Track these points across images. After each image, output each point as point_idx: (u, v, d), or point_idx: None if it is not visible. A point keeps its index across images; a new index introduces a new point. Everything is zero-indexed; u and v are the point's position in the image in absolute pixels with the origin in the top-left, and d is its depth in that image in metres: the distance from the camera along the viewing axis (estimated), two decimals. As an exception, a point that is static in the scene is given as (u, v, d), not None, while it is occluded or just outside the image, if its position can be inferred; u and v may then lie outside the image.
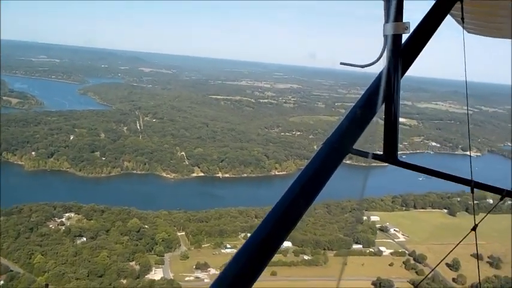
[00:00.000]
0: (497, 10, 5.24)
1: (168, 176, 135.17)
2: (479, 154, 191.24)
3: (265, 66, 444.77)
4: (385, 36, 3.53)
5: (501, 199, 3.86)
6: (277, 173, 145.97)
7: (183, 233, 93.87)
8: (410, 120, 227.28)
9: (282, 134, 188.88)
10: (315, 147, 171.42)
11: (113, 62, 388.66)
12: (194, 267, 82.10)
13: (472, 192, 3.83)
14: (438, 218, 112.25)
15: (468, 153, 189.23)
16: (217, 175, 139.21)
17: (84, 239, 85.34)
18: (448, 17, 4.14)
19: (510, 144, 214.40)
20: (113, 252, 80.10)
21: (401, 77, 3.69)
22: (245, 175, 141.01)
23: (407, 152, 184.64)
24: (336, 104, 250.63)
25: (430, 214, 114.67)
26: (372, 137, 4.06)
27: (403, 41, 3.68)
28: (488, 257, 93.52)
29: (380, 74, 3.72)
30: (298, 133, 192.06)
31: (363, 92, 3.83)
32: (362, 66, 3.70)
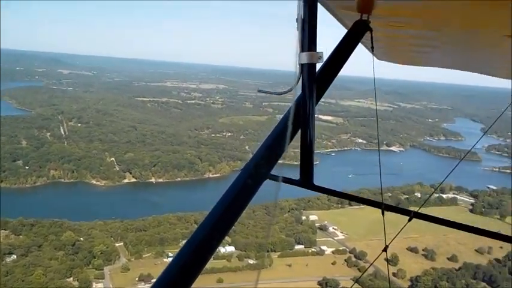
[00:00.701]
0: (407, 39, 5.41)
1: (99, 183, 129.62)
2: (402, 149, 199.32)
3: (190, 67, 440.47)
4: (300, 65, 3.50)
5: (409, 220, 4.07)
6: (211, 175, 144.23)
7: (122, 244, 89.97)
8: (337, 118, 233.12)
9: (213, 135, 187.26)
10: (247, 147, 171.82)
11: (28, 64, 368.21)
12: (137, 279, 78.65)
13: (383, 214, 4.06)
14: (372, 214, 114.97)
15: (393, 148, 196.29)
16: (150, 180, 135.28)
17: (15, 256, 79.11)
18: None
19: (429, 139, 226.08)
20: (48, 269, 74.90)
21: (316, 103, 3.71)
22: (179, 179, 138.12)
23: (336, 149, 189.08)
24: (264, 103, 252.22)
25: (365, 210, 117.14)
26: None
27: (317, 68, 3.71)
28: (423, 250, 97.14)
29: (295, 101, 3.73)
30: (229, 134, 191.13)
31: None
32: (279, 94, 3.76)
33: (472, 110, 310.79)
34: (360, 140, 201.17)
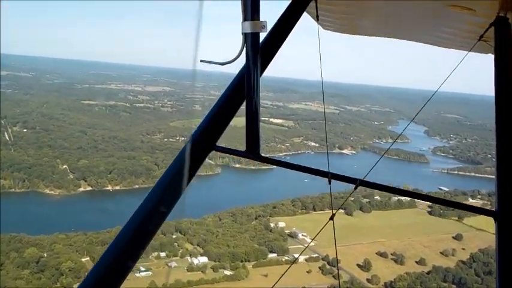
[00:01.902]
0: (352, 8, 5.46)
1: (53, 192, 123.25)
2: (354, 152, 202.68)
3: (134, 68, 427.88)
4: (244, 35, 3.58)
5: (355, 188, 4.09)
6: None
7: (88, 258, 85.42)
8: (287, 121, 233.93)
9: (166, 140, 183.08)
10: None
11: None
12: (110, 296, 74.85)
13: (330, 182, 4.06)
14: (337, 220, 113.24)
15: (345, 151, 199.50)
16: (107, 188, 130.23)
17: (-25, 278, 73.77)
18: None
19: (377, 141, 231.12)
20: (15, 290, 70.24)
21: (261, 74, 3.77)
22: (137, 186, 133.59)
23: (291, 153, 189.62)
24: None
25: (328, 215, 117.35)
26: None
27: (261, 39, 3.76)
28: (391, 254, 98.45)
29: (240, 72, 3.88)
30: (182, 138, 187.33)
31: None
32: (222, 64, 3.73)
33: (414, 113, 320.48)
34: (313, 143, 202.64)
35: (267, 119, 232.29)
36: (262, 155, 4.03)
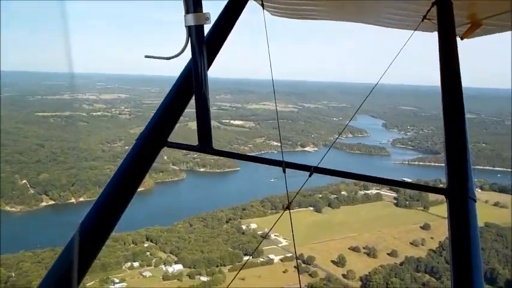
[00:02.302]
0: None
1: (14, 209, 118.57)
2: (316, 149, 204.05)
3: (86, 77, 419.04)
4: (188, 27, 3.55)
5: (310, 175, 4.09)
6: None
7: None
8: (248, 122, 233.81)
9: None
10: (165, 157, 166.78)
11: None
12: (86, 312, 72.91)
13: (284, 171, 4.13)
14: (308, 217, 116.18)
15: (307, 149, 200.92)
16: (71, 201, 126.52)
17: None
18: None
19: (337, 137, 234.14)
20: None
21: (208, 67, 3.76)
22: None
23: (254, 153, 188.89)
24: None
25: (299, 214, 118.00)
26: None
27: (206, 31, 3.76)
28: (364, 248, 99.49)
29: (187, 66, 3.91)
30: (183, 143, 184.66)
31: None
32: (167, 58, 3.69)
33: (369, 107, 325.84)
34: (275, 143, 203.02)
35: (227, 121, 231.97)
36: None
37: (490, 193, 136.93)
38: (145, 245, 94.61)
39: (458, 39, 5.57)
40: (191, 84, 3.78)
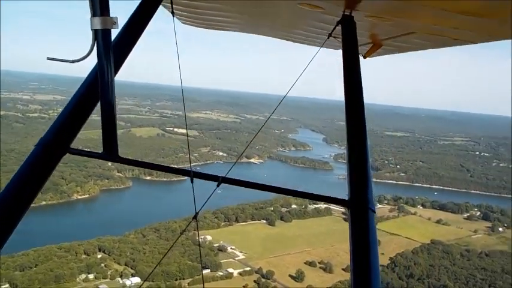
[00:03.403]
0: (208, 3, 5.62)
1: None
2: (261, 161, 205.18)
3: (19, 75, 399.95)
4: (94, 31, 3.42)
5: (218, 185, 4.07)
6: (79, 197, 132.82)
7: (7, 286, 77.54)
8: (192, 131, 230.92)
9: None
10: (109, 163, 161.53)
11: None
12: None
13: (192, 181, 4.07)
14: (262, 230, 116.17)
15: (253, 160, 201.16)
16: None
17: None
18: None
19: (281, 149, 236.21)
20: None
21: (115, 73, 3.65)
22: (44, 203, 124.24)
23: (200, 163, 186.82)
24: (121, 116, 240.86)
25: (253, 226, 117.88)
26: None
27: (114, 36, 3.72)
28: (319, 263, 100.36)
29: (93, 70, 3.77)
30: (87, 149, 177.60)
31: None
32: (72, 61, 3.53)
33: (309, 120, 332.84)
34: (221, 153, 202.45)
35: (171, 128, 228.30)
36: (121, 156, 3.88)
37: (431, 210, 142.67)
38: (99, 256, 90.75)
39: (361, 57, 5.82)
40: (97, 90, 3.61)
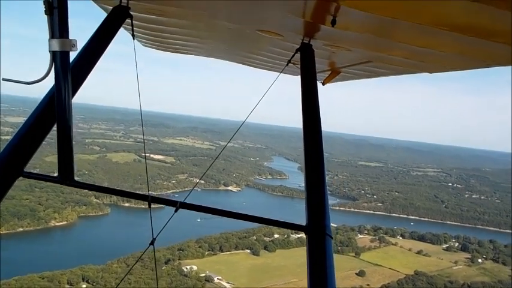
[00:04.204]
0: (167, 27, 5.69)
1: None
2: (239, 189, 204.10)
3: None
4: (52, 53, 3.45)
5: (176, 210, 4.22)
6: (56, 223, 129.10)
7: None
8: (168, 157, 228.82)
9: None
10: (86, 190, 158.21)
11: None
12: None
13: (149, 206, 4.26)
14: (247, 260, 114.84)
15: (231, 188, 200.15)
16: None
17: None
18: None
19: (258, 178, 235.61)
20: None
21: (73, 95, 3.70)
22: (21, 229, 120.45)
23: (178, 190, 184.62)
24: (87, 140, 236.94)
25: (237, 256, 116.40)
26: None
27: (72, 58, 3.74)
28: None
29: (50, 92, 3.80)
30: (76, 179, 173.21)
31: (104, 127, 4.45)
32: (28, 83, 3.58)
33: (283, 149, 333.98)
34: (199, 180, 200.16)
35: (148, 154, 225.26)
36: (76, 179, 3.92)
37: (410, 241, 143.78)
38: (83, 286, 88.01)
39: (319, 84, 6.13)
40: (53, 112, 3.61)
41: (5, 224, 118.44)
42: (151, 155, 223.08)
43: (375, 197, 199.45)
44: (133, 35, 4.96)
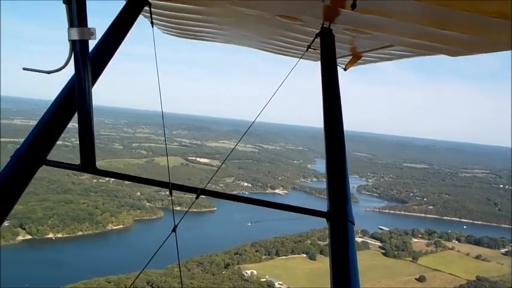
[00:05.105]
0: (187, 14, 5.58)
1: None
2: (286, 192, 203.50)
3: (36, 103, 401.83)
4: (71, 42, 3.44)
5: (197, 197, 4.13)
6: (113, 227, 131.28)
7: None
8: (214, 161, 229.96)
9: (95, 181, 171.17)
10: (138, 193, 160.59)
11: None
12: None
13: (171, 193, 4.12)
14: (304, 264, 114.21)
15: (278, 191, 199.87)
16: (49, 236, 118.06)
17: None
18: None
19: (304, 180, 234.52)
20: None
21: (93, 84, 3.69)
22: (80, 233, 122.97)
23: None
24: (133, 144, 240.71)
25: (294, 261, 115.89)
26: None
27: (92, 47, 3.71)
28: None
29: (70, 81, 3.82)
30: (112, 180, 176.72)
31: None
32: (48, 72, 3.58)
33: (323, 150, 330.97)
34: (245, 184, 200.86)
35: (194, 158, 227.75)
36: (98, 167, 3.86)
37: (467, 245, 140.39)
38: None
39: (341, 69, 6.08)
40: (74, 100, 3.60)
41: (66, 227, 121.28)
42: (197, 158, 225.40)
43: (425, 199, 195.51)
44: (152, 23, 5.13)
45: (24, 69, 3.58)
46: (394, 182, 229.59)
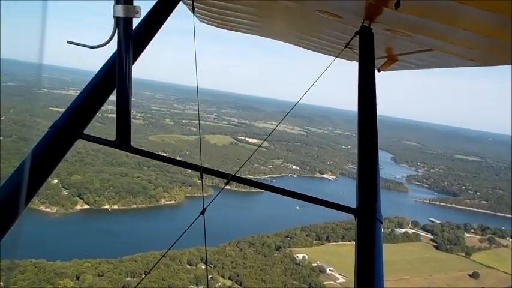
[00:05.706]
0: (227, 3, 5.51)
1: (49, 210, 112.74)
2: (334, 177, 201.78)
3: (88, 74, 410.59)
4: (116, 18, 3.42)
5: (227, 183, 4.15)
6: (166, 202, 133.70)
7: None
8: (261, 141, 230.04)
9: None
10: (189, 170, 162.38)
11: None
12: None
13: (201, 177, 4.15)
14: (352, 254, 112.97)
15: (326, 176, 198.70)
16: (105, 207, 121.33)
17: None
18: None
19: (352, 166, 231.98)
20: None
21: (134, 62, 3.68)
22: (134, 206, 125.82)
23: (275, 175, 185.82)
24: (184, 121, 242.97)
25: (345, 247, 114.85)
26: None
27: (135, 25, 3.74)
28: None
29: (111, 57, 3.79)
30: (165, 154, 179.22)
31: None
32: (91, 47, 3.52)
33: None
34: (294, 167, 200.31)
35: (243, 138, 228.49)
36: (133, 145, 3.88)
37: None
38: (203, 267, 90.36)
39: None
40: (113, 77, 3.62)
41: (121, 199, 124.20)
42: (246, 138, 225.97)
43: (478, 193, 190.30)
44: (193, 9, 5.17)
45: (68, 42, 3.55)
46: (445, 173, 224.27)
